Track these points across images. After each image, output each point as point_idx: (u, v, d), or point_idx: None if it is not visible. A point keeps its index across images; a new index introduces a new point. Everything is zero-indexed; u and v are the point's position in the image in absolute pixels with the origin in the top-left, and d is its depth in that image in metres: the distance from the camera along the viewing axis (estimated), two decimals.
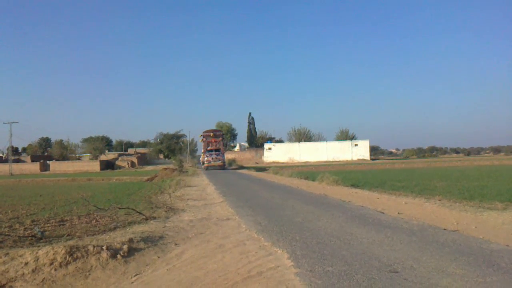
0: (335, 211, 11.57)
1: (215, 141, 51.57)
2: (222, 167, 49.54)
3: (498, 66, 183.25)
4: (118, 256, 7.40)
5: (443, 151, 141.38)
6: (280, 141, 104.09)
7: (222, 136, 54.48)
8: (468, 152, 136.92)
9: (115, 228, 10.22)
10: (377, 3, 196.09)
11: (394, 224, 9.27)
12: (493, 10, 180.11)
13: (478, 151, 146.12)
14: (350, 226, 9.20)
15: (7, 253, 7.29)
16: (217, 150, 50.91)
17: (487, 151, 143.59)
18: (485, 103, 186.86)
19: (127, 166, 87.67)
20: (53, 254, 7.02)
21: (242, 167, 57.45)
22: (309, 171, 38.53)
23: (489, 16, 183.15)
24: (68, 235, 9.51)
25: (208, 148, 51.02)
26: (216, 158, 49.05)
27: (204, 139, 51.98)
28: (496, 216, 9.80)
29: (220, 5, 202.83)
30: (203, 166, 51.22)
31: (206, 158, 49.31)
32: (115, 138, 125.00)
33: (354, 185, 19.93)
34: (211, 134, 52.14)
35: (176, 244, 8.43)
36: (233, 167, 58.69)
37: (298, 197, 15.53)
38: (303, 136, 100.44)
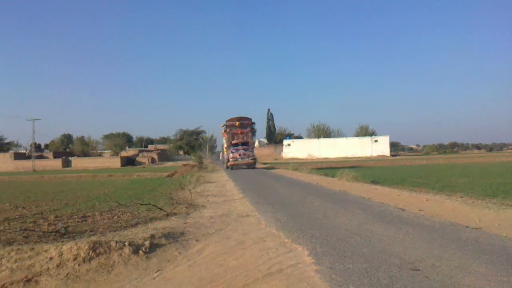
0: (355, 208, 11.51)
1: (241, 132, 40.42)
2: (252, 165, 39.75)
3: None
4: (140, 252, 7.49)
5: (465, 147, 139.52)
6: (299, 137, 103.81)
7: (252, 126, 41.86)
8: (490, 148, 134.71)
9: (136, 224, 10.34)
10: None
11: (415, 221, 9.19)
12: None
13: (501, 147, 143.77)
14: (370, 223, 9.15)
15: (33, 248, 7.44)
16: (245, 143, 40.14)
17: (510, 146, 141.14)
18: (508, 98, 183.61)
19: (147, 162, 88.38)
20: (77, 249, 7.15)
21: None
22: (329, 168, 38.38)
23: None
24: (90, 231, 9.65)
25: (233, 142, 40.04)
26: (244, 154, 38.80)
27: (228, 130, 40.64)
28: None
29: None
30: (226, 164, 40.45)
31: (231, 155, 38.87)
32: (135, 134, 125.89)
33: (374, 182, 19.81)
34: (237, 123, 40.23)
35: (197, 240, 8.50)
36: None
37: (317, 194, 15.50)
38: (322, 132, 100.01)
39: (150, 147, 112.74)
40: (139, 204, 13.85)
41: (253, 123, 42.16)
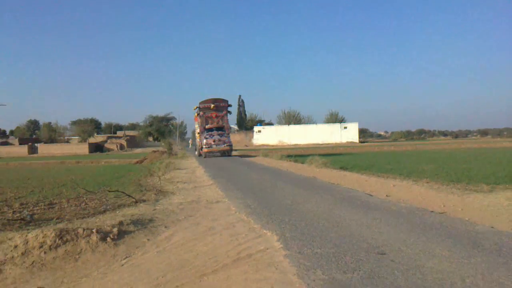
0: (324, 194, 11.65)
1: (216, 116, 36.48)
2: (228, 152, 36.15)
3: (485, 49, 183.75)
4: (108, 239, 7.41)
5: (431, 134, 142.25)
6: (270, 124, 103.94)
7: (227, 109, 37.55)
8: (456, 135, 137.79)
9: (104, 211, 10.22)
10: None
11: (382, 207, 9.37)
12: None
13: (466, 134, 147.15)
14: (339, 209, 9.28)
15: None
16: (220, 128, 36.27)
17: (475, 133, 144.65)
18: (472, 87, 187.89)
19: (116, 148, 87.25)
20: (43, 237, 7.02)
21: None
22: (299, 154, 38.62)
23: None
24: (57, 218, 9.49)
25: (207, 126, 36.10)
26: (219, 140, 35.12)
27: (201, 113, 36.53)
28: (482, 198, 9.96)
29: None
30: (199, 152, 37.08)
31: (204, 141, 34.89)
32: (104, 120, 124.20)
33: (343, 168, 20.04)
34: (212, 105, 36.23)
35: (166, 227, 8.46)
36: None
37: (287, 180, 15.60)
38: (292, 119, 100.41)
39: (119, 133, 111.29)
40: (107, 191, 13.68)
41: (230, 105, 37.52)
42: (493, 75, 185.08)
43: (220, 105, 36.79)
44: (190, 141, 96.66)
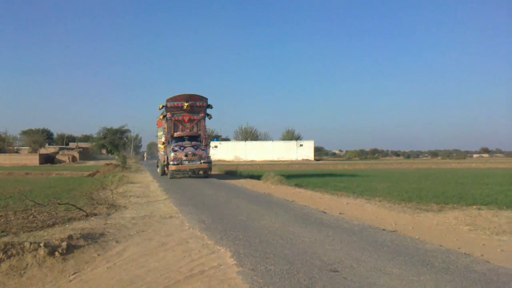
0: (279, 210, 11.70)
1: (190, 120, 26.86)
2: (206, 172, 26.29)
3: (436, 73, 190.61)
4: (56, 253, 7.16)
5: (384, 154, 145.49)
6: (227, 139, 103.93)
7: (206, 110, 27.46)
8: (408, 155, 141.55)
9: (53, 225, 9.88)
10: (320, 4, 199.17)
11: (336, 224, 9.48)
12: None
13: (417, 154, 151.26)
14: (293, 225, 9.33)
15: None
16: (195, 137, 26.29)
17: (426, 154, 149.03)
18: (424, 108, 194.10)
19: (68, 160, 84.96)
20: None
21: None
22: (255, 170, 38.70)
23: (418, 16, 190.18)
24: (2, 232, 9.11)
25: (176, 135, 26.21)
26: (194, 154, 24.89)
27: (169, 115, 26.60)
28: (432, 217, 10.24)
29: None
30: (162, 170, 28.23)
31: (172, 154, 24.76)
32: (56, 131, 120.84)
33: (298, 185, 20.20)
34: (185, 104, 26.29)
35: (117, 242, 8.26)
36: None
37: (242, 196, 15.59)
38: (249, 135, 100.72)
39: (72, 145, 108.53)
40: (57, 203, 13.26)
41: (209, 106, 27.17)
42: (445, 97, 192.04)
43: (196, 105, 26.59)
44: (145, 155, 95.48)
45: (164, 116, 27.55)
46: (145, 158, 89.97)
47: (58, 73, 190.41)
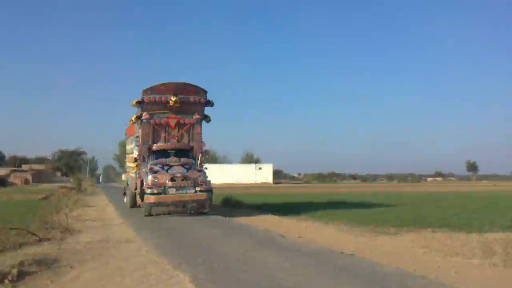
0: (239, 234, 11.66)
1: (179, 124, 17.91)
2: (202, 206, 16.96)
3: (392, 94, 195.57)
4: (6, 281, 6.86)
5: (342, 177, 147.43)
6: None
7: (203, 110, 18.40)
8: (365, 179, 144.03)
9: (3, 251, 9.52)
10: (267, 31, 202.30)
11: (295, 248, 9.52)
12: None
13: (374, 177, 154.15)
14: (253, 249, 9.30)
15: None
16: (184, 151, 17.82)
17: (382, 178, 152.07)
18: (380, 132, 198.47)
19: (20, 183, 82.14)
20: None
21: None
22: (214, 194, 38.40)
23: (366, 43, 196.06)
24: None
25: (156, 146, 17.47)
26: (185, 177, 16.29)
27: (147, 116, 17.39)
28: (389, 240, 10.44)
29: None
30: (132, 201, 19.88)
31: (150, 177, 16.01)
32: (8, 153, 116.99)
33: (258, 208, 20.17)
34: (171, 99, 17.08)
35: (71, 267, 8.01)
36: None
37: (202, 220, 15.42)
38: (209, 157, 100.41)
39: (25, 167, 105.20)
40: (8, 228, 12.78)
41: (209, 102, 18.26)
42: (401, 121, 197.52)
43: (189, 101, 17.59)
44: (100, 177, 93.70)
45: (139, 118, 17.73)
46: (100, 180, 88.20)
47: (10, 92, 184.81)
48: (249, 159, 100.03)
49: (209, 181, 17.06)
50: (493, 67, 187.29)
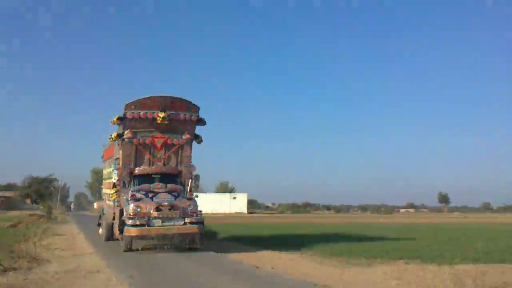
0: (212, 266, 11.52)
1: (166, 144, 15.59)
2: (193, 240, 14.28)
3: (366, 125, 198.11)
4: None
5: (316, 207, 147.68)
6: None
7: (194, 129, 16.05)
8: (338, 209, 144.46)
9: None
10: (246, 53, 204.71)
11: (268, 279, 9.45)
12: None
13: (348, 208, 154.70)
14: (226, 281, 9.21)
15: None
16: (172, 176, 15.51)
17: (355, 209, 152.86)
18: (353, 162, 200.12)
19: None
20: None
21: None
22: None
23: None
24: None
25: (138, 170, 15.23)
26: (172, 206, 14.00)
27: (130, 134, 14.99)
28: (362, 271, 10.48)
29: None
30: (108, 233, 17.45)
31: (131, 206, 13.76)
32: None
33: (232, 239, 20.02)
34: (159, 116, 14.71)
35: None
36: None
37: (174, 251, 15.18)
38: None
39: None
40: None
41: (201, 120, 15.95)
42: (374, 152, 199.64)
43: (179, 118, 15.36)
44: (72, 205, 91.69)
45: (120, 136, 15.41)
46: (72, 208, 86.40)
47: None
48: (224, 189, 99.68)
49: (201, 211, 14.80)
50: (465, 98, 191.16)
